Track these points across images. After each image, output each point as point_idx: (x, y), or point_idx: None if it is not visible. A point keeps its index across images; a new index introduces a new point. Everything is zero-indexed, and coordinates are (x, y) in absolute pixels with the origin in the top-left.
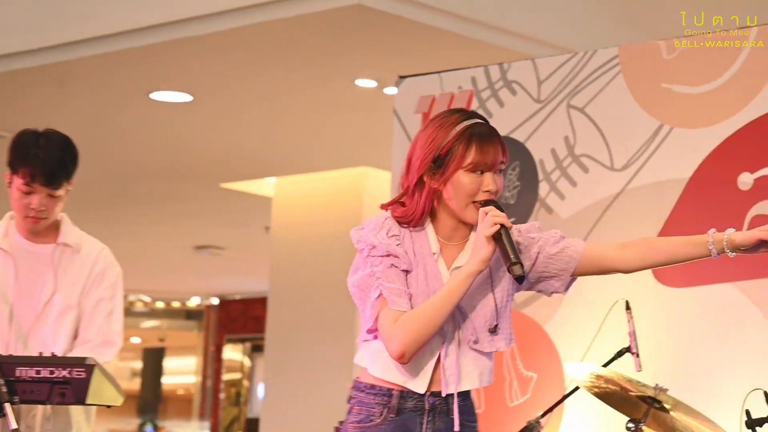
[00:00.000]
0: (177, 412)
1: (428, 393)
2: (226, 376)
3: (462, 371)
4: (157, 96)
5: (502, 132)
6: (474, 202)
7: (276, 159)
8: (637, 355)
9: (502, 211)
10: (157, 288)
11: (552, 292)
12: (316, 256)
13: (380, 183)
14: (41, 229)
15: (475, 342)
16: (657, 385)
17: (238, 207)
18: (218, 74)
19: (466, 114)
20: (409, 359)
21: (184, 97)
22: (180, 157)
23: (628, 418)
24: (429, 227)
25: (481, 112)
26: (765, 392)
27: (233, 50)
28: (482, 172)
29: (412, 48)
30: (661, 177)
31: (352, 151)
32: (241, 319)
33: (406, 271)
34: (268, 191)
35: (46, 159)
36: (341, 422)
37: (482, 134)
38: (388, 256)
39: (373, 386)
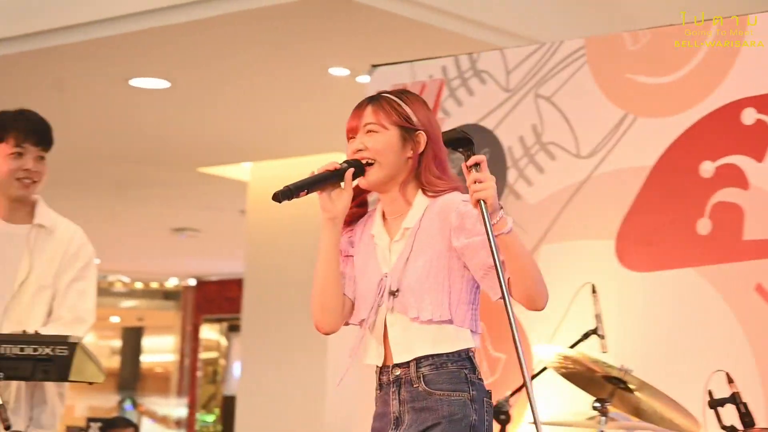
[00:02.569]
0: (155, 389)
1: (393, 365)
2: (203, 355)
3: (408, 340)
4: (135, 82)
5: (472, 119)
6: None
7: (251, 144)
8: (603, 337)
9: (360, 165)
10: (135, 269)
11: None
12: (290, 239)
13: None
14: (30, 195)
15: (406, 311)
16: (622, 366)
17: (215, 191)
18: (195, 61)
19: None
20: (327, 329)
21: (162, 84)
22: (158, 143)
23: (594, 398)
24: (378, 207)
25: (451, 100)
26: (727, 373)
27: (210, 38)
28: (353, 138)
29: (385, 38)
30: (626, 164)
31: (327, 137)
32: (217, 299)
33: (351, 256)
34: (244, 176)
35: (35, 119)
36: None
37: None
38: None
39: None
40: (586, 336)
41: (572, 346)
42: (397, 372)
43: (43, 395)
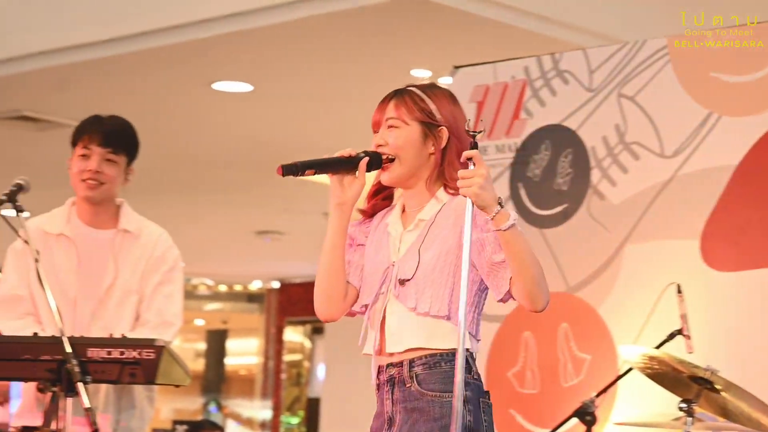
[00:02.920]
0: (240, 392)
1: (387, 365)
2: (287, 357)
3: (402, 330)
4: (218, 86)
5: (555, 120)
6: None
7: (334, 146)
8: (689, 337)
9: (378, 158)
10: (219, 272)
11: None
12: None
13: None
14: (98, 197)
15: (406, 301)
16: (708, 366)
17: (298, 193)
18: (278, 64)
19: None
20: (327, 315)
21: (245, 87)
22: (241, 145)
23: (680, 399)
24: (400, 201)
25: (534, 101)
26: None
27: (293, 41)
28: (377, 132)
29: (467, 39)
30: (710, 164)
31: None
32: (301, 302)
33: (362, 245)
34: (327, 178)
35: (107, 123)
36: None
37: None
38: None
39: None
40: (671, 336)
41: (658, 347)
42: (392, 371)
43: (131, 399)
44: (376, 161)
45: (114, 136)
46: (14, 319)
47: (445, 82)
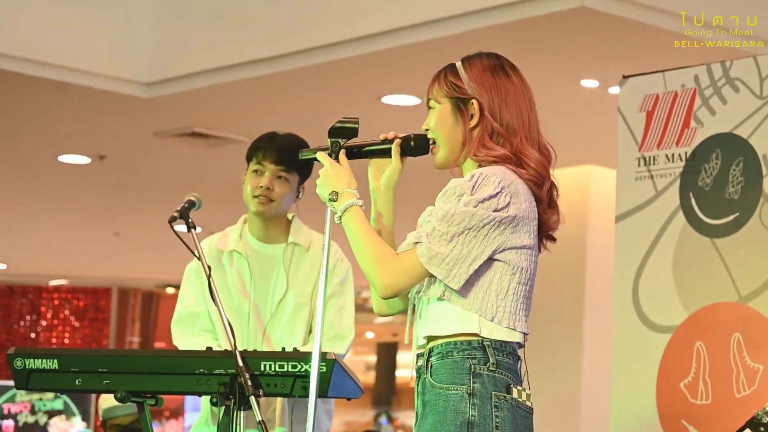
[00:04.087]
0: (410, 405)
1: (417, 356)
2: None
3: (426, 319)
4: (387, 100)
5: (726, 128)
6: None
7: None
8: None
9: (424, 140)
10: None
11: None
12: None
13: (605, 180)
14: (269, 214)
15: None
16: None
17: None
18: None
19: None
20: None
21: (413, 100)
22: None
23: None
24: None
25: (704, 109)
26: None
27: (460, 54)
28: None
29: (635, 48)
30: None
31: (577, 149)
32: None
33: None
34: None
35: (281, 139)
36: None
37: None
38: None
39: None
40: None
41: None
42: (419, 363)
43: (305, 413)
44: (423, 145)
45: (287, 154)
46: (191, 336)
47: (613, 92)
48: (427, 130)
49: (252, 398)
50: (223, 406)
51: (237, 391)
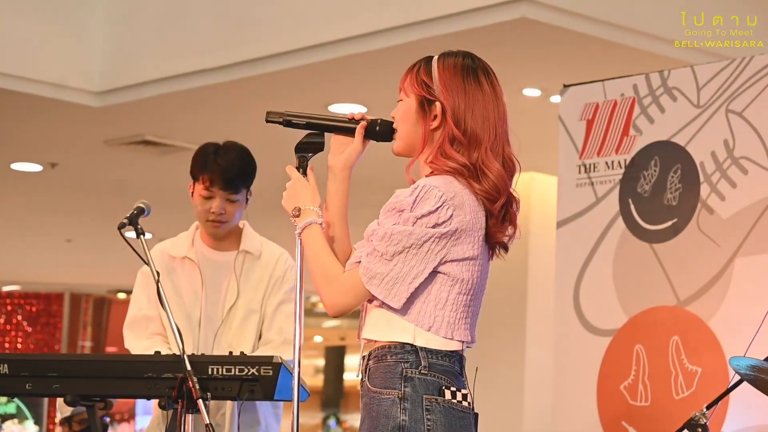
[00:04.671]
0: (359, 407)
1: (363, 357)
2: None
3: (367, 323)
4: (334, 108)
5: (664, 136)
6: None
7: None
8: None
9: (389, 126)
10: None
11: None
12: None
13: (546, 187)
14: (222, 233)
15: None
16: None
17: None
18: (391, 86)
19: None
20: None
21: (359, 109)
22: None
23: None
24: None
25: (642, 118)
26: None
27: (405, 63)
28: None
29: (575, 58)
30: None
31: (520, 157)
32: None
33: None
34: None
35: (225, 165)
36: None
37: None
38: None
39: None
40: None
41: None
42: (362, 366)
43: (255, 416)
44: (387, 132)
45: (235, 179)
46: (143, 339)
47: (554, 100)
48: (394, 117)
49: (200, 401)
50: (172, 410)
51: (185, 394)
